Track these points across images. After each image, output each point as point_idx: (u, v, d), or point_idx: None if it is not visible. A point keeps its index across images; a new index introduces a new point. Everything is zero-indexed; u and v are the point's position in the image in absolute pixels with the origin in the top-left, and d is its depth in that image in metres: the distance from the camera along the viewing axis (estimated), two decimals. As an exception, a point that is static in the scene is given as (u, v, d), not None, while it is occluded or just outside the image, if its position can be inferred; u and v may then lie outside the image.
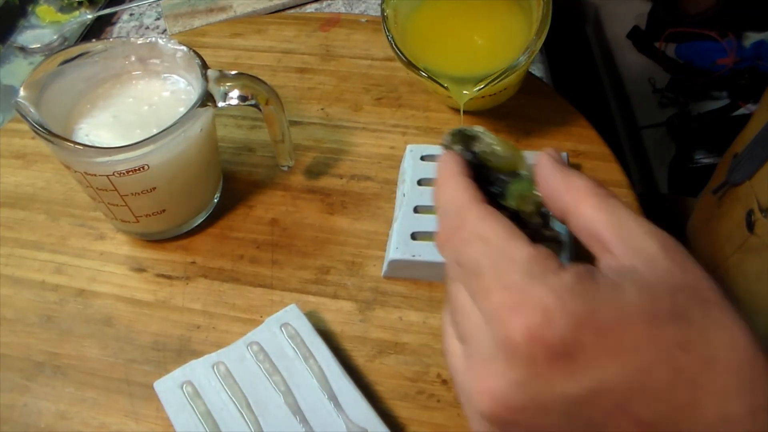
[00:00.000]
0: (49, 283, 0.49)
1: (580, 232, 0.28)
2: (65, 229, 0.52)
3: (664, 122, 0.73)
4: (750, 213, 0.40)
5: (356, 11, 0.71)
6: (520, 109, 0.56)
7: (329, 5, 0.72)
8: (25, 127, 0.59)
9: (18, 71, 0.67)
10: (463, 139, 0.37)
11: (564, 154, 0.50)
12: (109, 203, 0.46)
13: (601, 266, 0.26)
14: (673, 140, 0.71)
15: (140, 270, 0.49)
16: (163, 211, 0.48)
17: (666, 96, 0.76)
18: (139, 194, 0.45)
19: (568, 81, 0.64)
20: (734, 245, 0.42)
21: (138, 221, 0.48)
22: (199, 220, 0.51)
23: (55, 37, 0.69)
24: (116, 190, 0.45)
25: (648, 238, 0.26)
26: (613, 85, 0.81)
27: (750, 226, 0.40)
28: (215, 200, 0.52)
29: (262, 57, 0.64)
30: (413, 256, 0.46)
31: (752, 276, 0.40)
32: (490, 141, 0.37)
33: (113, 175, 0.43)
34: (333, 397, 0.40)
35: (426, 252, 0.46)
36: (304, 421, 0.39)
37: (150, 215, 0.48)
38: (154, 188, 0.45)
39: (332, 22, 0.67)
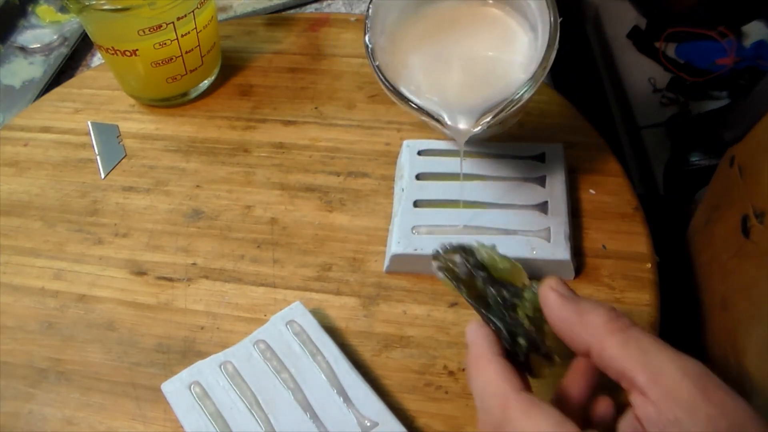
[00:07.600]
0: (49, 290, 0.49)
1: (607, 369, 0.28)
2: (62, 235, 0.52)
3: (664, 122, 0.73)
4: (745, 218, 0.39)
5: (356, 11, 0.71)
6: (513, 102, 0.57)
7: (329, 5, 0.72)
8: (17, 133, 0.59)
9: (18, 71, 0.67)
10: (461, 251, 0.37)
11: (559, 145, 0.50)
12: None
13: (639, 415, 0.27)
14: (670, 140, 0.72)
15: (140, 273, 0.49)
16: None
17: (666, 96, 0.76)
18: None
19: (568, 81, 0.64)
20: (731, 250, 0.41)
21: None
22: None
23: (55, 37, 0.69)
24: None
25: (679, 375, 0.26)
26: (613, 85, 0.81)
27: (746, 231, 0.39)
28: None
29: (253, 58, 0.64)
30: (415, 249, 0.46)
31: (749, 282, 0.39)
32: (490, 252, 0.37)
33: None
34: (342, 392, 0.40)
35: (427, 245, 0.46)
36: (314, 417, 0.39)
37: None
38: None
39: (321, 22, 0.67)
